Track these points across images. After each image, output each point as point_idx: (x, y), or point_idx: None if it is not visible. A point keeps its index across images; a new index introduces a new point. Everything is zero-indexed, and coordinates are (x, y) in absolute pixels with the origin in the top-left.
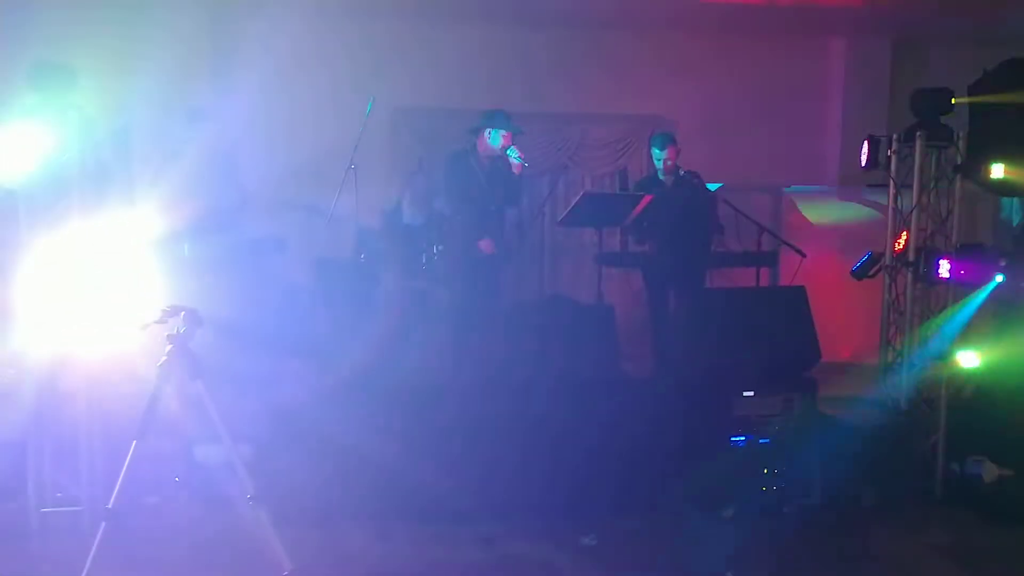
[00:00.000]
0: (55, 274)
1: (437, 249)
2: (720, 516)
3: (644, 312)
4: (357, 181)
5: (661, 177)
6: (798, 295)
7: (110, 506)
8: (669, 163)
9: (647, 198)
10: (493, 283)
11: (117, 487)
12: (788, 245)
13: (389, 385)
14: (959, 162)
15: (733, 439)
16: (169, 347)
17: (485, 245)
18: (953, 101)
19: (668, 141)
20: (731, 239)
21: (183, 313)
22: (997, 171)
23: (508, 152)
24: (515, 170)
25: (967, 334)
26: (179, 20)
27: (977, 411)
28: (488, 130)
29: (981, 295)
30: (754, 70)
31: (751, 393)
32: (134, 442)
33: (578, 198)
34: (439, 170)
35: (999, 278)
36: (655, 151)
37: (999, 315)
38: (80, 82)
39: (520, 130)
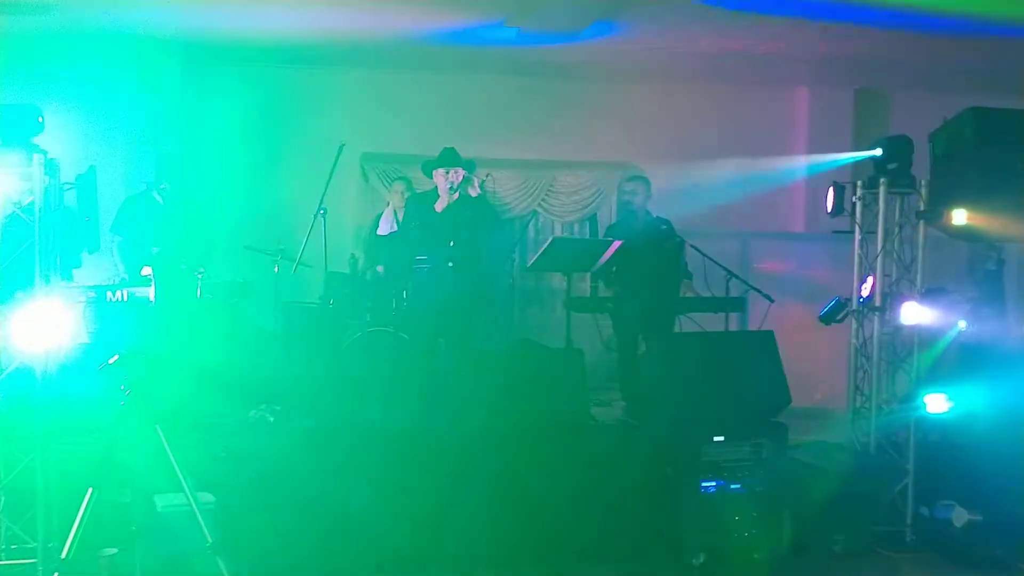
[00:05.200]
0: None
1: (406, 294)
2: (691, 563)
3: (613, 357)
4: (326, 226)
5: (632, 218)
6: (767, 340)
7: (64, 557)
8: (639, 199)
9: (616, 244)
10: (463, 327)
11: (71, 537)
12: (756, 290)
13: (356, 433)
14: (921, 208)
15: (703, 485)
16: (127, 391)
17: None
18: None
19: (641, 179)
20: (699, 284)
21: (142, 356)
22: (959, 217)
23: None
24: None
25: (934, 378)
26: (150, 67)
27: (946, 455)
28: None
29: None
30: (721, 118)
31: (721, 438)
32: (90, 490)
33: (548, 243)
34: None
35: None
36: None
37: (964, 359)
38: (46, 125)
39: (467, 164)
